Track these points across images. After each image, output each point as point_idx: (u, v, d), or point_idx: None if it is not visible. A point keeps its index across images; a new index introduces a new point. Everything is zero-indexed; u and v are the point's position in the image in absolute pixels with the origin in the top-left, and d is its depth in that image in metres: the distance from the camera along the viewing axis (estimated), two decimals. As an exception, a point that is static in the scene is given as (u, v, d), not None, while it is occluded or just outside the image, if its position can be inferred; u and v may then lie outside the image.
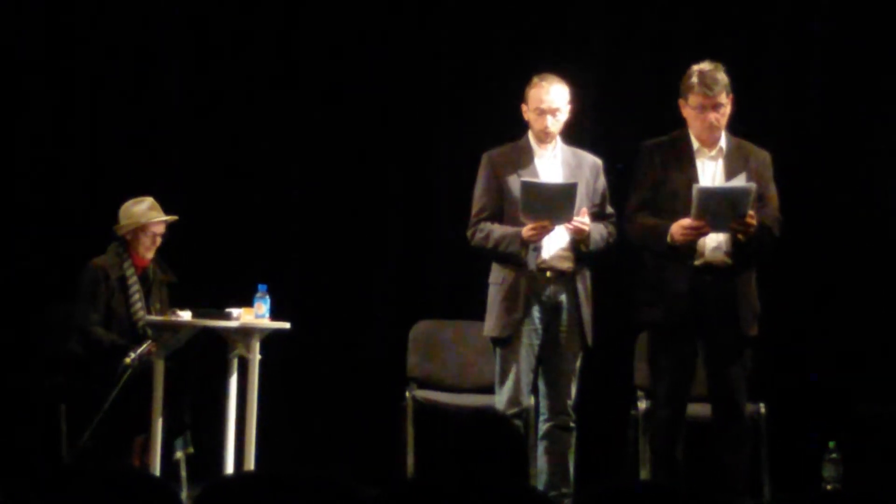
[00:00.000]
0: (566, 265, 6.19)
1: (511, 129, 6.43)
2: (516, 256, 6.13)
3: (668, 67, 6.61)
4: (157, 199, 7.10)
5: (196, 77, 7.95)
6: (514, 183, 6.19)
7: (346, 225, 7.87)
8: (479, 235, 6.24)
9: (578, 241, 6.16)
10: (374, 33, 7.90)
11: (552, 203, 6.04)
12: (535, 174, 6.19)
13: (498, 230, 6.19)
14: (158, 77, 7.95)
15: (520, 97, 6.29)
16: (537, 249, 6.13)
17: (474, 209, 6.29)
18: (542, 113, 6.21)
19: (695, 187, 5.81)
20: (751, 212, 5.81)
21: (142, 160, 7.79)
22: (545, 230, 6.07)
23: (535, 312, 6.16)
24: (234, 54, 7.94)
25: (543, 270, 6.16)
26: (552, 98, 6.21)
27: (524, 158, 6.25)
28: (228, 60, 7.94)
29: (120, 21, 7.89)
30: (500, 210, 6.23)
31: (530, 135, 6.29)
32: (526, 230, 6.07)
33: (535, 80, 6.25)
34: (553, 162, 6.27)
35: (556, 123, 6.23)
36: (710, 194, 5.82)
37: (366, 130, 7.89)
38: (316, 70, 7.92)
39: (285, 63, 7.94)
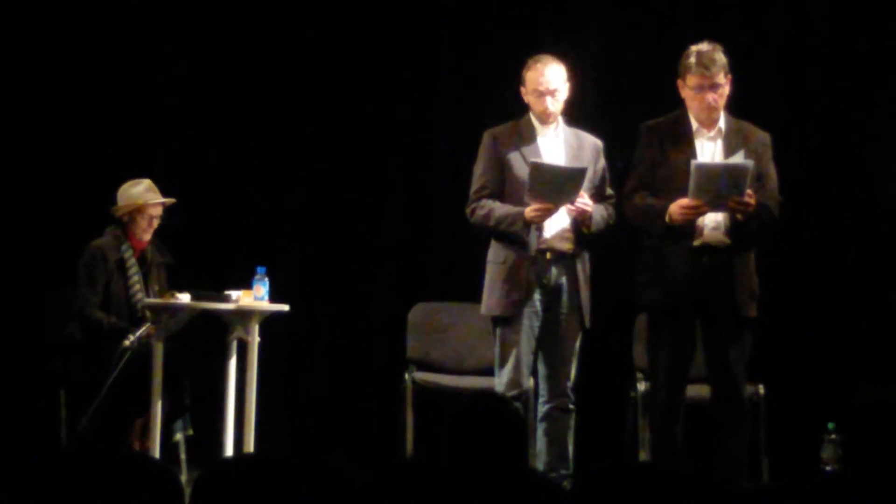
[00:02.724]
0: (566, 246, 6.18)
1: (510, 110, 6.42)
2: (518, 236, 6.12)
3: (668, 48, 6.60)
4: (155, 181, 7.09)
5: (195, 60, 7.94)
6: (517, 160, 6.19)
7: (344, 207, 7.86)
8: (479, 213, 6.22)
9: (581, 223, 6.15)
10: (372, 16, 7.88)
11: (559, 186, 6.03)
12: (538, 153, 6.18)
13: (500, 209, 6.17)
14: (157, 60, 7.94)
15: (519, 78, 6.27)
16: (539, 230, 6.13)
17: (474, 186, 6.28)
18: (540, 94, 6.20)
19: (693, 163, 5.81)
20: (749, 190, 5.81)
21: (141, 143, 7.79)
22: (549, 211, 6.06)
23: (536, 294, 6.16)
24: (233, 38, 7.92)
25: (543, 251, 6.15)
26: (549, 79, 6.20)
27: (526, 137, 6.24)
28: (228, 44, 7.92)
29: (120, 5, 7.87)
30: (501, 187, 6.22)
31: (531, 115, 6.28)
32: (529, 210, 6.06)
33: (531, 62, 6.25)
34: (555, 141, 6.27)
35: (555, 103, 6.22)
36: (708, 171, 5.83)
37: (364, 113, 7.88)
38: (314, 53, 7.91)
39: (284, 47, 7.93)
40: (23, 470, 3.73)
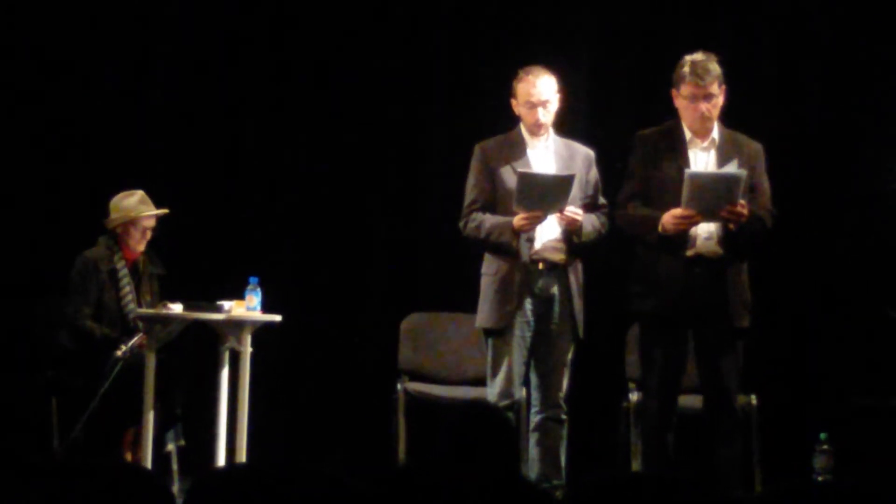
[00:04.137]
0: (558, 257, 6.19)
1: (502, 121, 6.43)
2: (508, 246, 6.13)
3: (662, 58, 6.61)
4: (148, 191, 7.09)
5: (187, 70, 7.93)
6: (507, 174, 6.19)
7: (337, 217, 7.86)
8: (471, 225, 6.23)
9: (571, 232, 6.16)
10: (366, 27, 7.89)
11: (548, 194, 6.04)
12: (528, 165, 6.19)
13: (490, 220, 6.18)
14: (150, 70, 7.93)
15: (510, 90, 6.28)
16: (530, 240, 6.13)
17: (467, 200, 6.29)
18: (532, 106, 6.21)
19: (686, 173, 5.82)
20: (742, 200, 5.82)
21: (133, 152, 7.78)
22: (537, 220, 6.07)
23: (528, 305, 6.16)
24: (224, 47, 7.92)
25: (536, 262, 6.16)
26: (540, 90, 6.20)
27: (517, 150, 6.25)
28: (219, 53, 7.92)
29: (113, 14, 7.86)
30: (493, 201, 6.23)
31: (522, 127, 6.29)
32: (518, 219, 6.07)
33: (522, 73, 6.25)
34: (546, 153, 6.27)
35: (546, 115, 6.23)
36: (701, 180, 5.83)
37: (357, 123, 7.88)
38: (307, 63, 7.91)
39: (276, 56, 7.93)
40: (15, 479, 3.72)
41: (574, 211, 6.10)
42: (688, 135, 6.02)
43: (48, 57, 7.82)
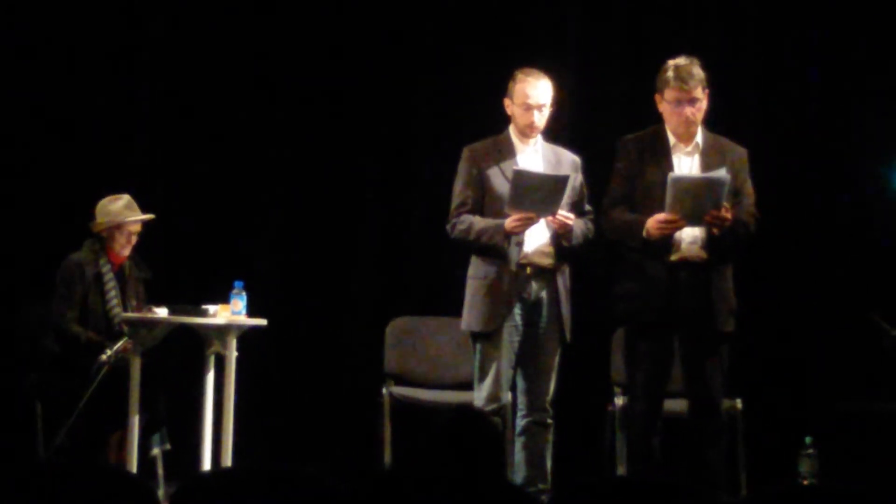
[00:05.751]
0: (547, 261, 6.18)
1: (489, 124, 6.43)
2: (498, 249, 6.12)
3: (646, 62, 6.62)
4: (133, 195, 7.07)
5: (172, 73, 7.93)
6: (496, 176, 6.18)
7: (323, 221, 7.86)
8: (459, 228, 6.21)
9: (561, 236, 6.15)
10: (352, 27, 7.89)
11: (541, 194, 6.02)
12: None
13: (480, 222, 6.16)
14: (135, 73, 7.92)
15: (498, 92, 6.27)
16: (520, 244, 6.12)
17: (454, 202, 6.27)
18: (528, 108, 6.19)
19: (670, 176, 5.82)
20: (726, 204, 5.82)
21: (118, 156, 7.77)
22: (529, 222, 6.06)
23: (517, 309, 6.15)
24: (210, 50, 7.91)
25: (524, 266, 6.15)
26: (539, 93, 6.19)
27: (505, 153, 6.23)
28: (205, 56, 7.91)
29: (98, 16, 7.85)
30: (481, 204, 6.21)
31: (511, 129, 6.28)
32: (509, 221, 6.06)
33: (520, 75, 6.23)
34: (535, 157, 6.26)
35: (541, 118, 6.22)
36: (685, 184, 5.84)
37: (343, 126, 7.88)
38: (292, 65, 7.91)
39: (262, 59, 7.92)
40: (-1, 483, 3.72)
41: (566, 215, 6.09)
42: (672, 139, 6.03)
43: (37, 59, 7.81)
